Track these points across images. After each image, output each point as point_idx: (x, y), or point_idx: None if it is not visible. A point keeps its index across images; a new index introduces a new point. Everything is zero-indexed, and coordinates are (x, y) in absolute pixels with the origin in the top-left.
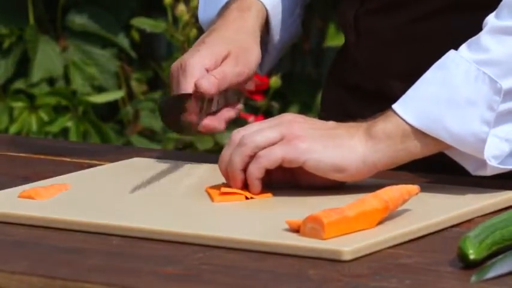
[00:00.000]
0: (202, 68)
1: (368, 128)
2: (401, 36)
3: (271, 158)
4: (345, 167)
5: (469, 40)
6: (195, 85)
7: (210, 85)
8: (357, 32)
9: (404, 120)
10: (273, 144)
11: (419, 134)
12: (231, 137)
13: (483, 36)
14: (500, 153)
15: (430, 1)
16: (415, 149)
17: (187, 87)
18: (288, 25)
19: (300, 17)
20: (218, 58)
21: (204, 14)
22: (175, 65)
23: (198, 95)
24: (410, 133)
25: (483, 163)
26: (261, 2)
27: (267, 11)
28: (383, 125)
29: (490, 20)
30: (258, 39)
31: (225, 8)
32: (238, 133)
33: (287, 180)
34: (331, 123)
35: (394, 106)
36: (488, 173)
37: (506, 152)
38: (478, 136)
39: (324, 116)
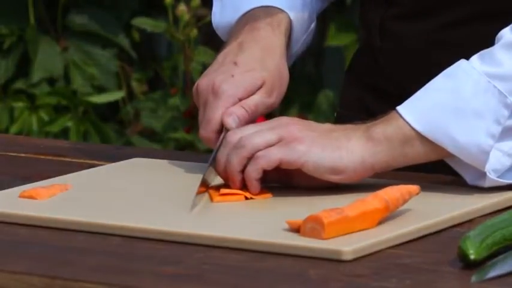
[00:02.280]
0: (236, 98)
1: (367, 130)
2: (427, 42)
3: (270, 159)
4: (343, 170)
5: (482, 52)
6: (222, 116)
7: (234, 123)
8: (381, 36)
9: (408, 123)
10: (271, 145)
11: (419, 140)
12: (226, 138)
13: (497, 50)
14: (501, 167)
15: (457, 9)
16: (413, 155)
17: (217, 113)
18: (303, 40)
19: (313, 31)
20: (253, 88)
21: (221, 18)
22: (204, 83)
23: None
24: (411, 138)
25: (482, 175)
26: (287, 15)
27: (291, 25)
28: (383, 127)
29: (506, 34)
30: (285, 58)
31: (252, 17)
32: (235, 134)
33: (281, 180)
34: (327, 125)
35: (399, 108)
36: (486, 185)
37: (507, 166)
38: (482, 148)
39: (343, 113)
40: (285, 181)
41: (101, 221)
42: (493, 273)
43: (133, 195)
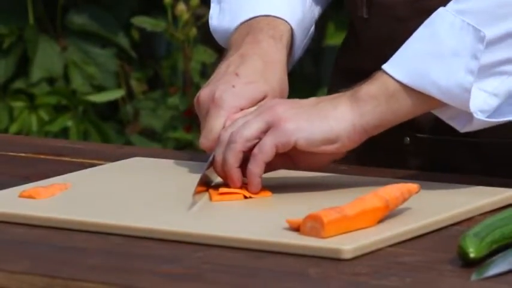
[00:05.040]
0: (237, 108)
1: (353, 94)
2: (414, 11)
3: (266, 150)
4: (336, 137)
5: None
6: (226, 122)
7: None
8: (368, 7)
9: (391, 76)
10: (261, 133)
11: (404, 92)
12: (219, 137)
13: None
14: (488, 107)
15: None
16: (401, 109)
17: (218, 122)
18: (303, 46)
19: (312, 35)
20: (254, 100)
21: (219, 23)
22: (205, 94)
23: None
24: (395, 92)
25: (471, 119)
26: (289, 26)
27: (292, 34)
28: (367, 87)
29: None
30: (286, 72)
31: (253, 27)
32: (226, 132)
33: (287, 165)
34: (313, 98)
35: (384, 65)
36: (474, 127)
37: (494, 106)
38: (463, 86)
39: None
40: (289, 165)
41: (100, 220)
42: (492, 271)
43: (133, 194)
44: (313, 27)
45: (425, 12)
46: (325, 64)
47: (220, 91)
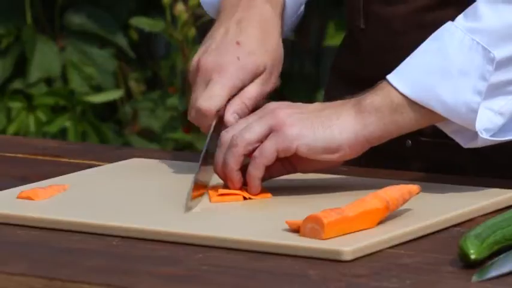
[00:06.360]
0: (242, 81)
1: (357, 104)
2: (410, 25)
3: (267, 155)
4: (338, 147)
5: (468, 8)
6: (225, 111)
7: (234, 120)
8: (365, 18)
9: (395, 89)
10: (263, 137)
11: (408, 106)
12: (220, 138)
13: (480, 4)
14: (493, 126)
15: None
16: (404, 122)
17: (223, 90)
18: (290, 23)
19: (300, 16)
20: (255, 75)
21: None
22: (210, 62)
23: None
24: (399, 105)
25: (474, 136)
26: None
27: (284, 4)
28: (371, 98)
29: None
30: (281, 38)
31: None
32: (228, 133)
33: (287, 170)
34: (316, 104)
35: (388, 76)
36: (479, 144)
37: (498, 125)
38: (469, 106)
39: None
40: (290, 170)
41: (99, 221)
42: (493, 273)
43: (131, 195)
44: (303, 7)
45: (421, 27)
46: (324, 65)
47: (227, 62)
